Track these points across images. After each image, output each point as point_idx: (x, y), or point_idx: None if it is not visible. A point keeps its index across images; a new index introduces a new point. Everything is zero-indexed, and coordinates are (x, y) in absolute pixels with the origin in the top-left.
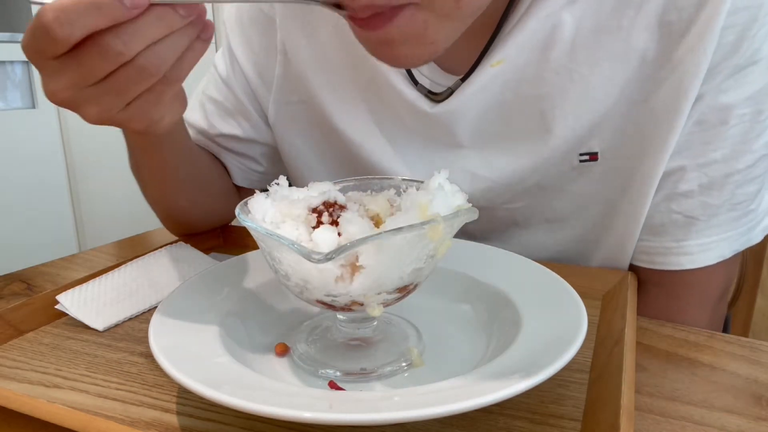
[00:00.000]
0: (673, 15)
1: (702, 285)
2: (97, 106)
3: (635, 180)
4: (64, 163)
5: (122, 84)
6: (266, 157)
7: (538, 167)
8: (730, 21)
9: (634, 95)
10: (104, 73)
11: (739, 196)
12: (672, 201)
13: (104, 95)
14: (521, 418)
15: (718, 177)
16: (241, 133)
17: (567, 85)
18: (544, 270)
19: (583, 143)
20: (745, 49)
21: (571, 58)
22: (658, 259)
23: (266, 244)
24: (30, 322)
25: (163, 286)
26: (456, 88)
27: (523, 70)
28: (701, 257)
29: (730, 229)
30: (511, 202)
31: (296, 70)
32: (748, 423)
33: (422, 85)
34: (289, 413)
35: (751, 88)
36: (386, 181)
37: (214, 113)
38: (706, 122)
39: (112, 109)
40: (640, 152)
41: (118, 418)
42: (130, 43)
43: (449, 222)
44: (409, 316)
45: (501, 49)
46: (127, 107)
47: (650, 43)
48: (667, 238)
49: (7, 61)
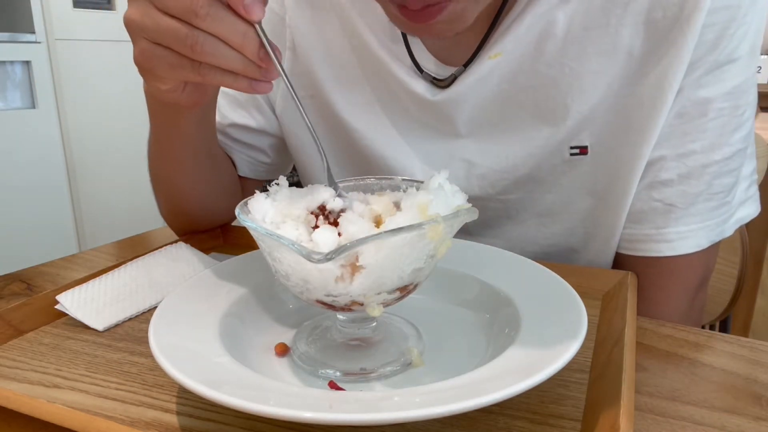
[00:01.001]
0: (658, 13)
1: (682, 273)
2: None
3: (621, 172)
4: (64, 163)
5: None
6: (274, 149)
7: (531, 157)
8: (711, 19)
9: (621, 89)
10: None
11: (715, 187)
12: (653, 189)
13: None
14: (521, 418)
15: (697, 167)
16: (253, 123)
17: (559, 77)
18: (544, 270)
19: (574, 135)
20: (723, 46)
21: (563, 53)
22: (639, 246)
23: (266, 245)
24: (30, 322)
25: (163, 286)
26: (459, 74)
27: (519, 62)
28: (680, 245)
29: (708, 218)
30: (505, 194)
31: (304, 65)
32: (748, 423)
33: (428, 72)
34: (289, 413)
35: (729, 84)
36: (386, 181)
37: (225, 105)
38: (687, 114)
39: (183, 67)
40: (627, 144)
41: (118, 418)
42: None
43: (449, 222)
44: (409, 316)
45: (499, 42)
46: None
47: (636, 40)
48: (647, 225)
49: (7, 61)
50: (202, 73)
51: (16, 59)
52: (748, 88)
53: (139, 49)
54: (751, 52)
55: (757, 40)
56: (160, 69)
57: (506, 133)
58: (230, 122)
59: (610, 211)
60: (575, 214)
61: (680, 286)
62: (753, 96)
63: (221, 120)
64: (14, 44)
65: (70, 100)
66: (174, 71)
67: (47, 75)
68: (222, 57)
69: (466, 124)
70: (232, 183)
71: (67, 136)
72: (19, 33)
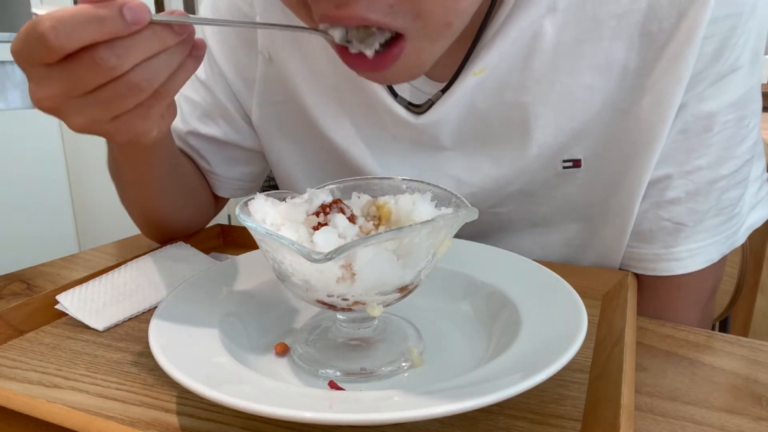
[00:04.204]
0: (654, 25)
1: (692, 287)
2: (83, 117)
3: (621, 187)
4: (64, 163)
5: (112, 97)
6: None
7: (521, 172)
8: (711, 30)
9: (617, 104)
10: (94, 85)
11: (724, 201)
12: (660, 208)
13: (92, 106)
14: (521, 418)
15: (704, 183)
16: (221, 134)
17: (549, 93)
18: (544, 270)
19: (566, 150)
20: (726, 57)
21: (553, 67)
22: (649, 265)
23: (267, 245)
24: (30, 322)
25: (163, 286)
26: (436, 99)
27: (506, 77)
28: (690, 262)
29: (718, 233)
30: (497, 207)
31: (278, 69)
32: (748, 423)
33: (402, 97)
34: (289, 413)
35: (733, 95)
36: (386, 181)
37: (190, 113)
38: (690, 130)
39: (99, 121)
40: (625, 160)
41: (118, 418)
42: (124, 57)
43: (449, 222)
44: (409, 316)
45: (483, 56)
46: (115, 119)
47: (632, 53)
48: (656, 244)
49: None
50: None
51: None
52: (753, 96)
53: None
54: (753, 59)
55: (759, 46)
56: (79, 118)
57: (494, 149)
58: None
59: (609, 226)
60: (571, 225)
61: (692, 300)
62: (758, 104)
63: (183, 127)
64: None
65: None
66: (93, 118)
67: None
68: (156, 70)
69: (452, 141)
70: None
71: (66, 136)
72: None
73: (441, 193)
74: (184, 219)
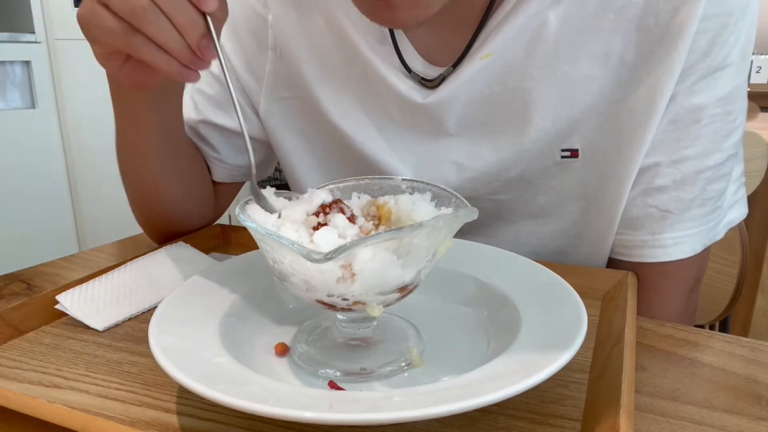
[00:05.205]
0: (650, 20)
1: (677, 276)
2: (107, 31)
3: (613, 176)
4: (64, 163)
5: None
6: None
7: (520, 158)
8: (703, 26)
9: (613, 95)
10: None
11: (709, 192)
12: (648, 195)
13: (117, 20)
14: (521, 418)
15: (690, 173)
16: (233, 125)
17: (550, 80)
18: (544, 270)
19: (564, 139)
20: (716, 53)
21: (555, 56)
22: (635, 252)
23: (267, 245)
24: (30, 322)
25: (163, 286)
26: (448, 75)
27: (510, 63)
28: (675, 250)
29: (701, 224)
30: (496, 194)
31: (288, 66)
32: (748, 423)
33: (416, 72)
34: (289, 413)
35: (721, 91)
36: (386, 181)
37: (204, 104)
38: (680, 122)
39: (120, 38)
40: (618, 150)
41: (118, 418)
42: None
43: (449, 222)
44: (409, 316)
45: (489, 42)
46: (133, 37)
47: (629, 46)
48: (643, 231)
49: (7, 61)
50: (133, 44)
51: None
52: (740, 94)
53: (85, 7)
54: (742, 58)
55: (748, 46)
56: (96, 29)
57: (495, 135)
58: (204, 118)
59: (602, 215)
60: (567, 216)
61: (675, 289)
62: (744, 101)
63: (196, 116)
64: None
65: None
66: (106, 34)
67: (47, 75)
68: (161, 30)
69: (455, 124)
70: (204, 185)
71: (67, 136)
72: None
73: (441, 193)
74: (180, 211)
